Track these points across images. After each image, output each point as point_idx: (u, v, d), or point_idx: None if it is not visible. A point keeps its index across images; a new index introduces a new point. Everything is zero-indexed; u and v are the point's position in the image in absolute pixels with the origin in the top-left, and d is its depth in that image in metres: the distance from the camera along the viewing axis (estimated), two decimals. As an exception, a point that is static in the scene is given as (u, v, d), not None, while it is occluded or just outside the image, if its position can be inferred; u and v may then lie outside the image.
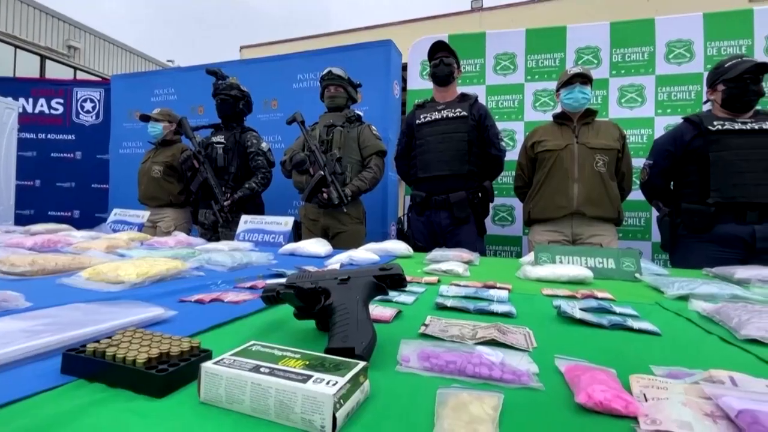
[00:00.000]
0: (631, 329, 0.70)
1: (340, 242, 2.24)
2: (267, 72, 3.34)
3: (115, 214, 2.36)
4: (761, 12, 2.78)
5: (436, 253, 1.54)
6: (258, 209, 2.64)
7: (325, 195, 2.21)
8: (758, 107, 1.84)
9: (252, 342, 0.45)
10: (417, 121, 2.27)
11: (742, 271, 1.21)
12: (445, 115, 2.20)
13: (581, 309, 0.79)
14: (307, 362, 0.39)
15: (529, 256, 1.44)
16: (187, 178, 2.64)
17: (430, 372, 0.48)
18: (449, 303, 0.82)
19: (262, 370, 0.37)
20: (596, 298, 0.94)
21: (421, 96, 2.77)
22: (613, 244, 1.95)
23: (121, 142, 3.76)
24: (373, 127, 2.45)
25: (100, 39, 10.39)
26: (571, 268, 1.19)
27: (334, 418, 0.33)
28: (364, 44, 3.21)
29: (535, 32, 3.07)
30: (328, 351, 0.47)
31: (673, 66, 2.83)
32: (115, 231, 2.12)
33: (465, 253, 1.54)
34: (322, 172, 2.22)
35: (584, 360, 0.51)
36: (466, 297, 0.91)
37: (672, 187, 1.98)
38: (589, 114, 2.06)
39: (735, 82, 1.74)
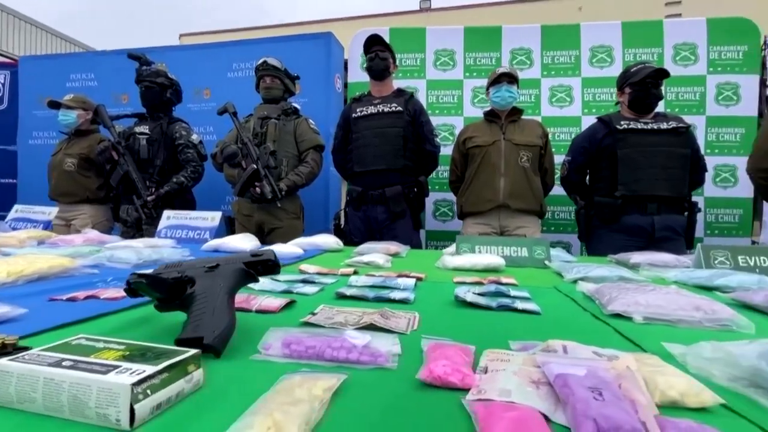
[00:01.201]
0: (515, 310, 0.73)
1: (276, 238, 2.17)
2: (200, 59, 3.15)
3: (17, 211, 2.10)
4: (670, 23, 3.06)
5: (365, 246, 1.55)
6: (188, 205, 2.49)
7: (257, 189, 2.13)
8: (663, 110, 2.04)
9: (80, 335, 0.40)
10: (353, 115, 2.25)
11: (636, 257, 1.33)
12: (380, 110, 2.20)
13: (478, 293, 0.82)
14: (128, 353, 0.36)
15: (452, 248, 1.47)
16: (107, 172, 2.43)
17: (289, 358, 0.46)
18: (349, 292, 0.81)
19: (64, 364, 0.33)
20: (500, 283, 0.98)
21: (363, 89, 2.76)
22: (536, 235, 2.06)
23: (31, 131, 3.36)
24: (311, 121, 2.40)
25: (14, 17, 9.27)
26: (486, 257, 1.23)
27: (133, 411, 0.30)
28: (303, 35, 3.13)
29: (473, 31, 3.16)
30: (178, 342, 0.44)
31: (597, 69, 3.04)
32: (15, 230, 1.89)
33: (393, 246, 1.55)
34: (254, 166, 2.13)
35: (449, 339, 0.52)
36: (372, 286, 0.90)
37: (588, 182, 2.13)
38: (515, 112, 2.17)
39: (639, 86, 1.90)
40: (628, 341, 0.57)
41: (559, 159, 2.33)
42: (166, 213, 1.96)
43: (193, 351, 0.37)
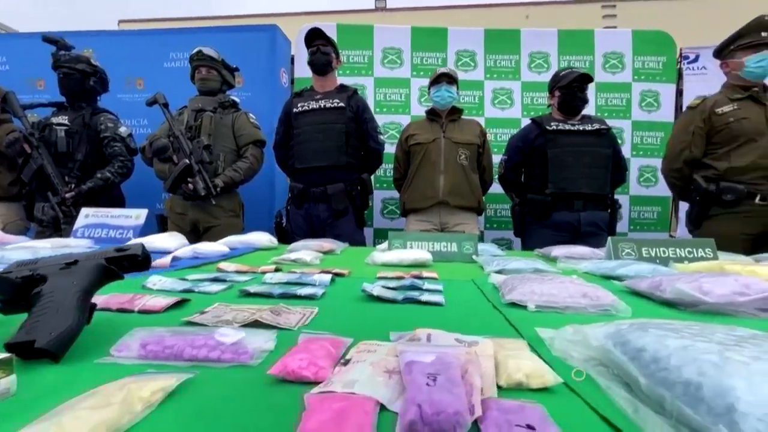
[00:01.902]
0: (419, 302, 0.73)
1: (212, 237, 2.06)
2: (133, 47, 2.94)
3: None
4: (600, 33, 3.27)
5: (298, 243, 1.51)
6: (116, 202, 2.31)
7: (190, 186, 2.02)
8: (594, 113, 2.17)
9: None
10: (294, 110, 2.20)
11: (556, 250, 1.40)
12: (322, 105, 2.17)
13: (391, 287, 0.82)
14: None
15: (384, 244, 1.48)
16: (19, 166, 2.20)
17: (144, 359, 0.43)
18: (254, 290, 0.78)
19: None
20: (419, 277, 0.99)
21: (309, 84, 2.71)
22: (474, 232, 2.12)
23: (-69, 120, 2.98)
24: (251, 115, 2.31)
25: None
26: (413, 252, 1.24)
27: None
28: (248, 26, 3.02)
29: (420, 31, 3.20)
30: (7, 346, 0.40)
31: (534, 74, 3.18)
32: None
33: (327, 243, 1.52)
34: (186, 161, 2.02)
35: (330, 333, 0.51)
36: (287, 283, 0.88)
37: (523, 180, 2.23)
38: (455, 111, 2.22)
39: (566, 89, 2.01)
40: (512, 328, 0.59)
41: (499, 158, 2.42)
42: (83, 211, 1.80)
43: (1, 356, 0.33)
